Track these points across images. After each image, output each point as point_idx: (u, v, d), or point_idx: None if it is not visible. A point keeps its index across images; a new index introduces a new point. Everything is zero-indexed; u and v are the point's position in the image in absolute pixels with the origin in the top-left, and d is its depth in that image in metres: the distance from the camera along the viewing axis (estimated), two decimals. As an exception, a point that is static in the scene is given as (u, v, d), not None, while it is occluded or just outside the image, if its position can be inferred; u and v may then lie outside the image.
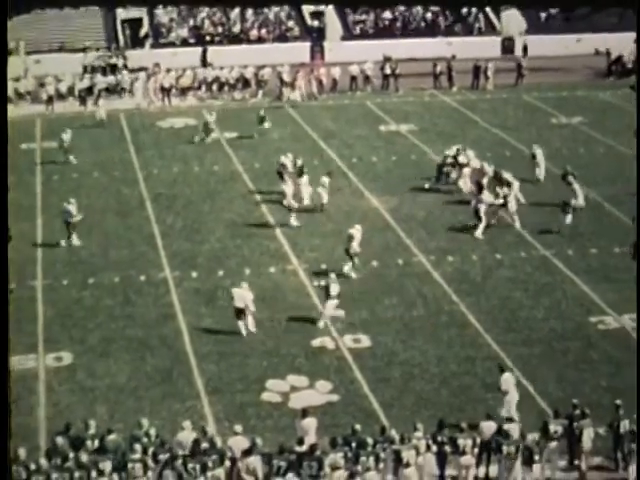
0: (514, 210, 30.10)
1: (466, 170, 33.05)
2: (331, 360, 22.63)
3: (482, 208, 29.74)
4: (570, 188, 30.99)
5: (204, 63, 50.37)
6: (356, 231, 27.00)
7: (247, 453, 17.27)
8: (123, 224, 31.06)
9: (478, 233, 29.52)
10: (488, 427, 18.19)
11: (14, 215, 31.63)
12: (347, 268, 26.59)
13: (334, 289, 24.18)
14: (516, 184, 31.23)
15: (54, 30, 52.67)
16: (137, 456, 17.07)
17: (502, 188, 30.49)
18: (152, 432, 17.94)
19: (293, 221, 30.37)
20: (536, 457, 17.54)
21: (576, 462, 18.42)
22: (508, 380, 19.97)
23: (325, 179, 32.03)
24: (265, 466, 17.15)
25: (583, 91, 47.41)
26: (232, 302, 23.78)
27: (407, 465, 17.33)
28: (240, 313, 23.67)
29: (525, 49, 53.42)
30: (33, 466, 16.78)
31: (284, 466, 17.01)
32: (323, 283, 25.04)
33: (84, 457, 17.04)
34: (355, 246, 26.78)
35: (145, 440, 17.55)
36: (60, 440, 17.54)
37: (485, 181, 31.38)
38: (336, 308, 24.29)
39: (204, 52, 51.28)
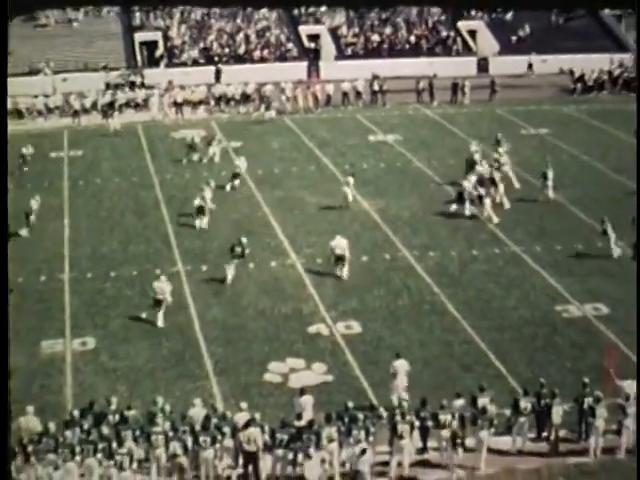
0: (490, 208, 30.22)
1: (479, 168, 32.79)
2: (326, 345, 22.60)
3: (465, 192, 30.70)
4: (545, 183, 31.83)
5: (218, 79, 50.25)
6: (340, 241, 26.19)
7: (246, 425, 17.27)
8: (141, 223, 30.97)
9: (466, 212, 30.50)
10: (458, 404, 18.29)
11: (44, 216, 31.75)
12: (346, 273, 26.05)
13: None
14: (501, 187, 31.61)
15: (79, 52, 52.51)
16: (159, 429, 17.10)
17: (488, 186, 31.21)
18: (167, 408, 18.00)
19: (203, 224, 29.86)
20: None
21: (544, 434, 18.46)
22: (398, 366, 19.76)
23: (350, 179, 32.09)
24: (265, 436, 17.16)
25: (549, 105, 47.32)
26: (154, 294, 23.64)
27: (401, 437, 17.37)
28: (158, 304, 23.56)
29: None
30: (61, 439, 16.78)
31: (285, 439, 17.04)
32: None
33: (106, 430, 17.09)
34: (346, 252, 26.04)
35: (160, 415, 17.59)
36: (76, 413, 17.76)
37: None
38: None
39: (218, 70, 51.13)
